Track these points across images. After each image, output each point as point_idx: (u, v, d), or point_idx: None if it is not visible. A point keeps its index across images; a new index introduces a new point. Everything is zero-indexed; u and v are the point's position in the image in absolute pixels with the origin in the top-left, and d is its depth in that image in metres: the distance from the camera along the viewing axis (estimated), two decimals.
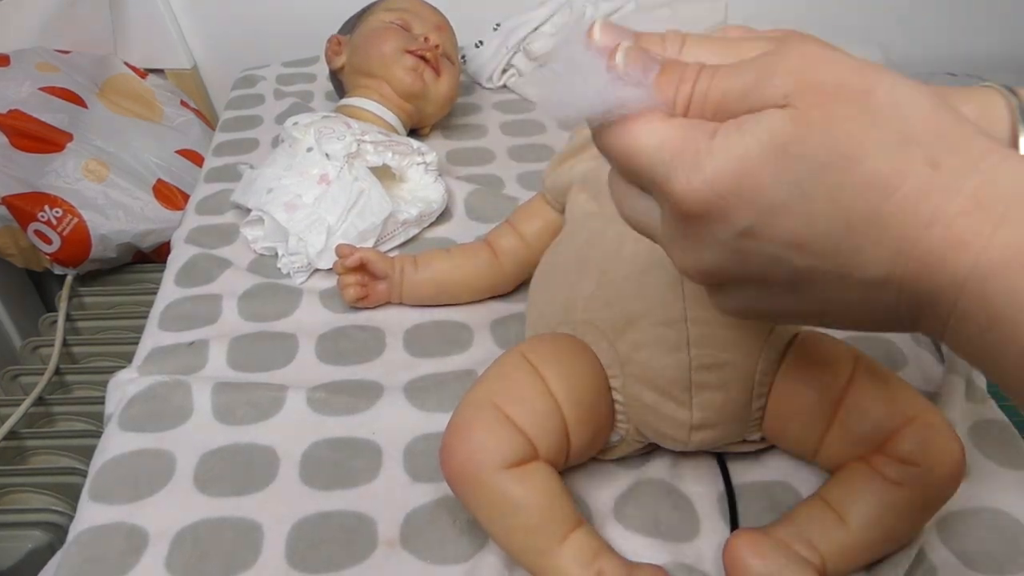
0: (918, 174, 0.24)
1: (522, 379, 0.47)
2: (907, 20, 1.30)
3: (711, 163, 0.26)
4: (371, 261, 0.66)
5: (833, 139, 0.24)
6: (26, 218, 0.95)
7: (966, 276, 0.23)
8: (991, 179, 0.23)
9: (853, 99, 0.25)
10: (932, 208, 0.24)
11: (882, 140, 0.24)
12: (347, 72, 0.92)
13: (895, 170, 0.24)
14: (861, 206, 0.24)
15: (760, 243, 0.26)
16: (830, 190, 0.25)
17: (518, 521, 0.44)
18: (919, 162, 0.24)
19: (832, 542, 0.44)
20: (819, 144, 0.25)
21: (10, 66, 1.04)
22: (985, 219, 0.23)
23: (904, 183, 0.24)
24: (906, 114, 0.25)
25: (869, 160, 0.24)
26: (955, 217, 0.23)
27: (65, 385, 0.90)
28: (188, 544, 0.49)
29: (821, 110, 0.25)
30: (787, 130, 0.25)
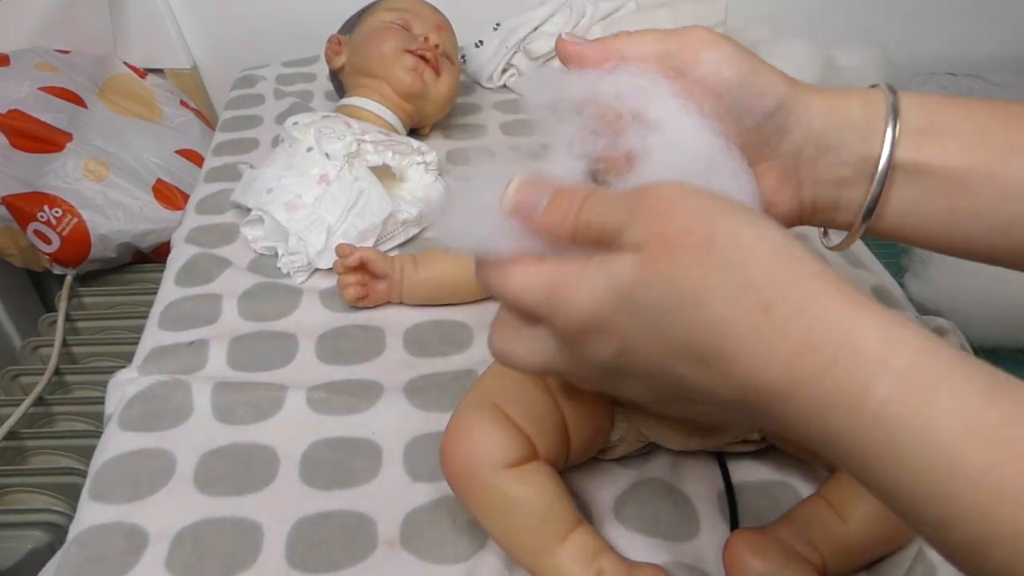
0: (750, 319, 0.26)
1: (522, 379, 0.47)
2: (907, 20, 1.30)
3: (579, 303, 0.29)
4: (371, 261, 0.66)
5: (676, 287, 0.27)
6: (26, 218, 0.95)
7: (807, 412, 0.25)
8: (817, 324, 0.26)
9: (695, 248, 0.27)
10: (767, 349, 0.26)
11: (718, 286, 0.27)
12: (347, 72, 0.92)
13: (730, 313, 0.26)
14: (706, 344, 0.27)
15: (632, 362, 0.30)
16: (678, 329, 0.27)
17: (518, 521, 0.44)
18: (752, 307, 0.26)
19: (832, 541, 0.44)
20: (662, 292, 0.27)
21: (10, 66, 1.04)
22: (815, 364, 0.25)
23: (739, 325, 0.26)
24: (743, 260, 0.27)
25: (707, 306, 0.27)
26: (791, 359, 0.25)
27: (65, 385, 0.90)
28: (188, 544, 0.49)
29: (666, 261, 0.27)
30: (633, 278, 0.28)
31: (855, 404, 0.24)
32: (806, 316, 0.26)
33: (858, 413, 0.24)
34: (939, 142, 0.35)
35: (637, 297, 0.28)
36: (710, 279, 0.27)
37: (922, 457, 0.23)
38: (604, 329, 0.29)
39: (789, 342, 0.25)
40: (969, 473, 0.22)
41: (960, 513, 0.22)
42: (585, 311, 0.29)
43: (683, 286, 0.27)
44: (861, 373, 0.24)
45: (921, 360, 0.24)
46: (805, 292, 0.26)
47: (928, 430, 0.23)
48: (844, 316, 0.26)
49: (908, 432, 0.23)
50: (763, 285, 0.26)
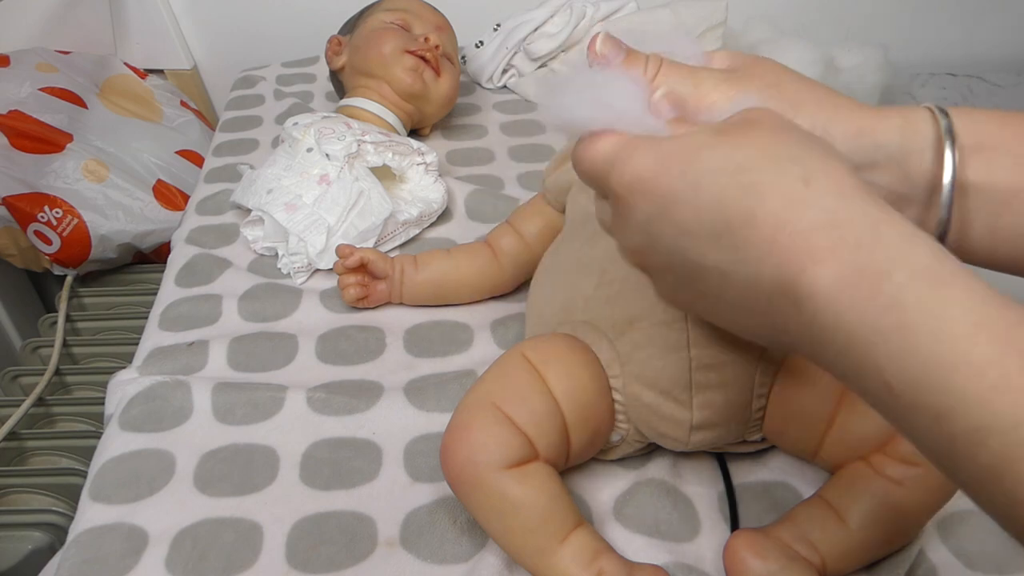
0: (790, 186, 0.27)
1: (522, 379, 0.47)
2: (907, 20, 1.30)
3: (639, 158, 0.31)
4: (371, 261, 0.66)
5: (735, 149, 0.29)
6: (26, 219, 0.95)
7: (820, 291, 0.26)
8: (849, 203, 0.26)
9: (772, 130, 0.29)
10: (795, 216, 0.26)
11: (773, 156, 0.28)
12: (347, 72, 0.92)
13: (773, 179, 0.27)
14: (739, 206, 0.28)
15: (661, 229, 0.31)
16: (719, 189, 0.28)
17: (518, 521, 0.44)
18: (794, 177, 0.27)
19: (832, 542, 0.44)
20: (722, 152, 0.29)
21: (10, 66, 1.04)
22: (837, 237, 0.26)
23: (777, 189, 0.27)
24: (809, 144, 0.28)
25: (755, 171, 0.28)
26: (812, 230, 0.26)
27: (65, 386, 0.90)
28: (188, 544, 0.49)
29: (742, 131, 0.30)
30: (707, 139, 0.30)
31: (871, 287, 0.24)
32: (838, 197, 0.27)
33: (872, 296, 0.24)
34: (986, 160, 0.34)
35: (698, 157, 0.29)
36: (773, 148, 0.28)
37: (929, 346, 0.23)
38: (648, 186, 0.30)
39: (818, 212, 0.26)
40: (974, 364, 0.22)
41: (959, 403, 0.23)
42: (640, 165, 0.31)
43: (745, 152, 0.28)
44: (881, 258, 0.25)
45: (941, 258, 0.25)
46: (846, 183, 0.27)
47: (939, 318, 0.23)
48: (874, 209, 0.26)
49: (918, 318, 0.24)
50: (813, 164, 0.28)
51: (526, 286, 0.63)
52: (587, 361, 0.49)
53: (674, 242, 0.30)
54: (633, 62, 0.35)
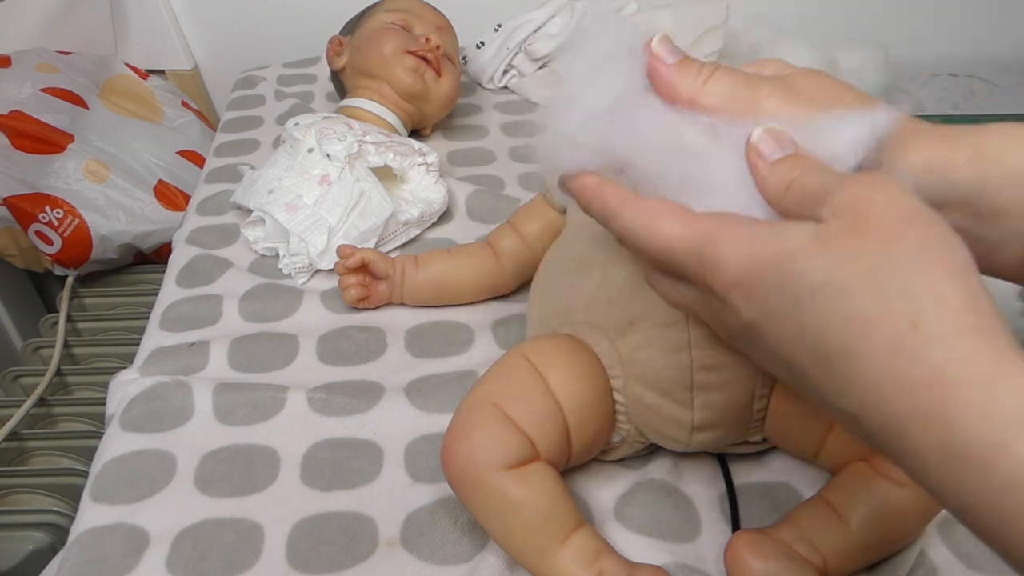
0: (895, 327, 0.24)
1: (523, 380, 0.47)
2: (907, 20, 1.30)
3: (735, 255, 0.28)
4: (372, 262, 0.66)
5: (840, 268, 0.26)
6: (27, 219, 0.95)
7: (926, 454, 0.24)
8: (961, 357, 0.23)
9: (880, 237, 0.26)
10: (900, 369, 0.24)
11: (879, 282, 0.25)
12: (348, 73, 0.92)
13: (878, 314, 0.25)
14: (841, 338, 0.25)
15: (762, 336, 0.29)
16: (820, 311, 0.26)
17: (519, 522, 0.44)
18: (903, 315, 0.24)
19: (833, 543, 0.44)
20: (824, 269, 0.26)
21: (11, 67, 1.04)
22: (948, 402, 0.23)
23: (881, 330, 0.24)
24: (918, 267, 0.25)
25: (859, 297, 0.25)
26: (921, 388, 0.24)
27: (66, 386, 0.90)
28: (189, 545, 0.49)
29: (846, 239, 0.26)
30: (803, 247, 0.27)
31: (985, 462, 0.22)
32: (951, 346, 0.24)
33: (988, 472, 0.22)
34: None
35: (796, 268, 0.27)
36: (877, 272, 0.25)
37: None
38: (748, 292, 0.28)
39: (925, 368, 0.24)
40: None
41: None
42: (738, 265, 0.28)
43: (847, 270, 0.25)
44: (997, 427, 0.22)
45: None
46: (960, 323, 0.24)
47: None
48: (989, 360, 0.23)
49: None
50: (923, 300, 0.24)
51: (527, 286, 0.63)
52: (588, 362, 0.49)
53: (777, 349, 0.28)
54: (685, 68, 0.33)
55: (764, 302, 0.28)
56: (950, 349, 0.24)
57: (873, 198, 0.27)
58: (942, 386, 0.23)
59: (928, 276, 0.25)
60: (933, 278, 0.25)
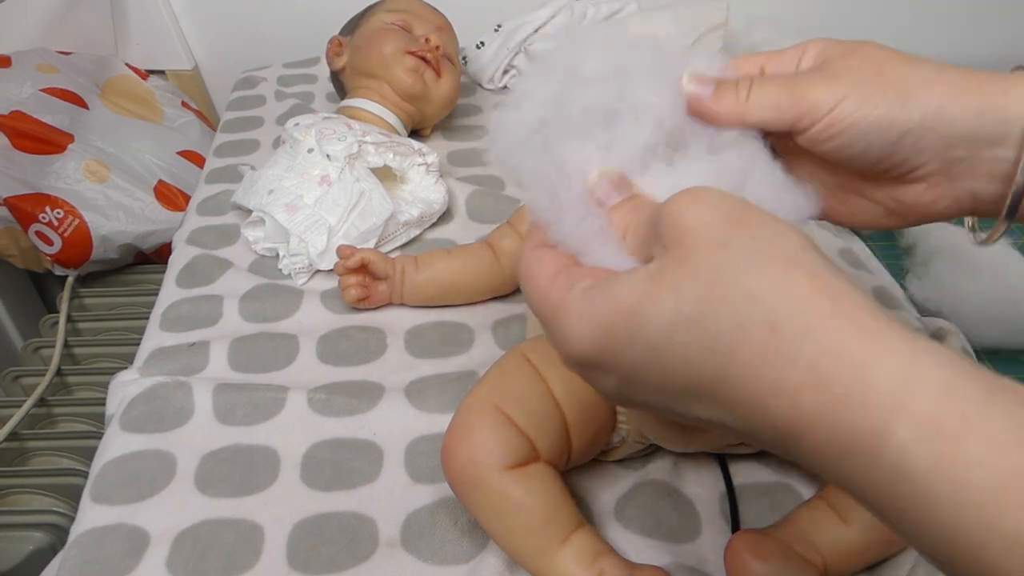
0: (757, 336, 0.23)
1: (523, 380, 0.47)
2: (907, 21, 1.30)
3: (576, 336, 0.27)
4: (372, 262, 0.66)
5: (681, 299, 0.25)
6: (27, 219, 0.95)
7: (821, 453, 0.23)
8: (828, 350, 0.23)
9: (708, 249, 0.25)
10: (774, 377, 0.23)
11: (726, 297, 0.24)
12: (348, 73, 0.92)
13: (736, 331, 0.24)
14: (709, 368, 0.24)
15: (632, 393, 0.28)
16: (680, 351, 0.25)
17: (519, 522, 0.44)
18: (759, 322, 0.23)
19: (834, 543, 0.44)
20: (668, 308, 0.25)
21: (11, 67, 1.04)
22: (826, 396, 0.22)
23: (744, 346, 0.24)
24: (755, 266, 0.24)
25: (712, 322, 0.24)
26: (798, 391, 0.23)
27: (66, 386, 0.90)
28: (189, 545, 0.49)
29: (678, 268, 0.25)
30: (641, 293, 0.26)
31: (871, 453, 0.21)
32: (814, 340, 0.23)
33: (875, 463, 0.21)
34: None
35: (641, 318, 0.25)
36: (717, 288, 0.24)
37: (952, 516, 0.20)
38: (602, 364, 0.27)
39: (797, 370, 0.23)
40: (1007, 535, 0.19)
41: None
42: (581, 345, 0.27)
43: (690, 298, 0.25)
44: (875, 415, 0.21)
45: (944, 400, 0.21)
46: (817, 312, 0.23)
47: (955, 485, 0.20)
48: (857, 344, 0.23)
49: (933, 487, 0.20)
50: (772, 299, 0.24)
51: None
52: None
53: (655, 402, 0.28)
54: (724, 92, 0.33)
55: (620, 368, 0.27)
56: (815, 342, 0.23)
57: (688, 214, 0.26)
58: (817, 385, 0.22)
59: (768, 273, 0.24)
60: (773, 274, 0.24)
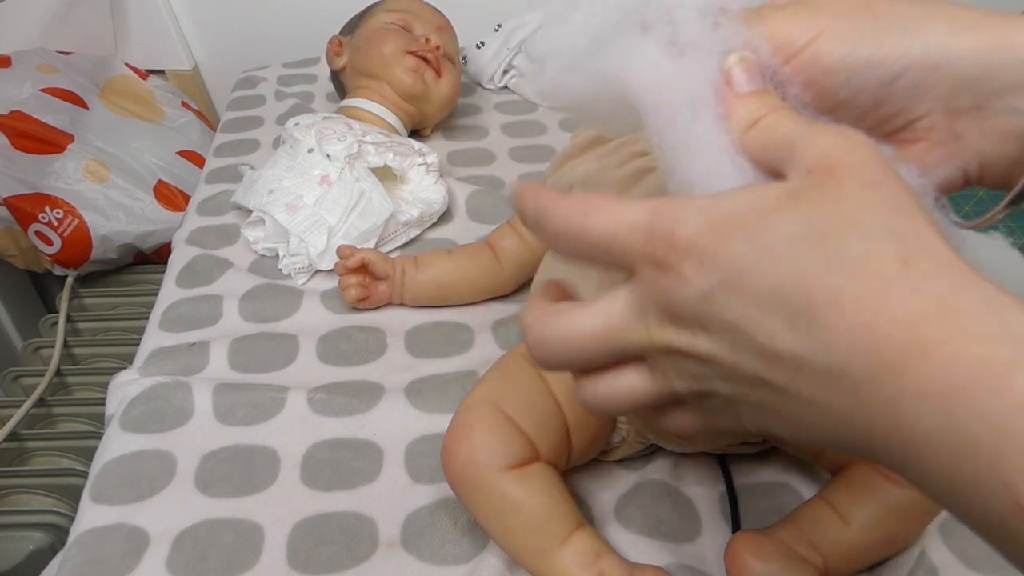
0: (885, 267, 0.22)
1: (523, 380, 0.47)
2: None
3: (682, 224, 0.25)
4: (372, 262, 0.66)
5: (819, 216, 0.23)
6: (27, 219, 0.95)
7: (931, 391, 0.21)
8: (961, 289, 0.22)
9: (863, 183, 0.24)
10: (895, 302, 0.22)
11: (865, 223, 0.23)
12: (348, 73, 0.92)
13: (863, 255, 0.23)
14: (824, 284, 0.23)
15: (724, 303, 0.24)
16: (799, 260, 0.23)
17: (519, 522, 0.44)
18: (890, 255, 0.22)
19: (834, 543, 0.44)
20: (799, 219, 0.24)
21: (11, 67, 1.04)
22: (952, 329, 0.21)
23: (869, 270, 0.22)
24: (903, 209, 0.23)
25: (843, 241, 0.23)
26: (919, 320, 0.21)
27: (66, 386, 0.90)
28: (189, 545, 0.49)
29: (820, 189, 0.24)
30: (778, 201, 0.24)
31: (997, 385, 0.20)
32: (947, 279, 0.22)
33: (1000, 395, 0.20)
34: None
35: (769, 222, 0.24)
36: (861, 215, 0.23)
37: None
38: (711, 252, 0.24)
39: (922, 298, 0.22)
40: None
41: None
42: (700, 222, 0.24)
43: (827, 218, 0.23)
44: (1008, 349, 0.20)
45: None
46: (950, 266, 0.22)
47: None
48: (987, 292, 0.22)
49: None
50: (910, 239, 0.23)
51: (527, 287, 0.63)
52: None
53: (740, 319, 0.24)
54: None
55: (730, 261, 0.24)
56: (946, 283, 0.22)
57: (845, 149, 0.25)
58: (943, 313, 0.21)
59: (911, 220, 0.23)
60: (918, 224, 0.23)
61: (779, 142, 0.26)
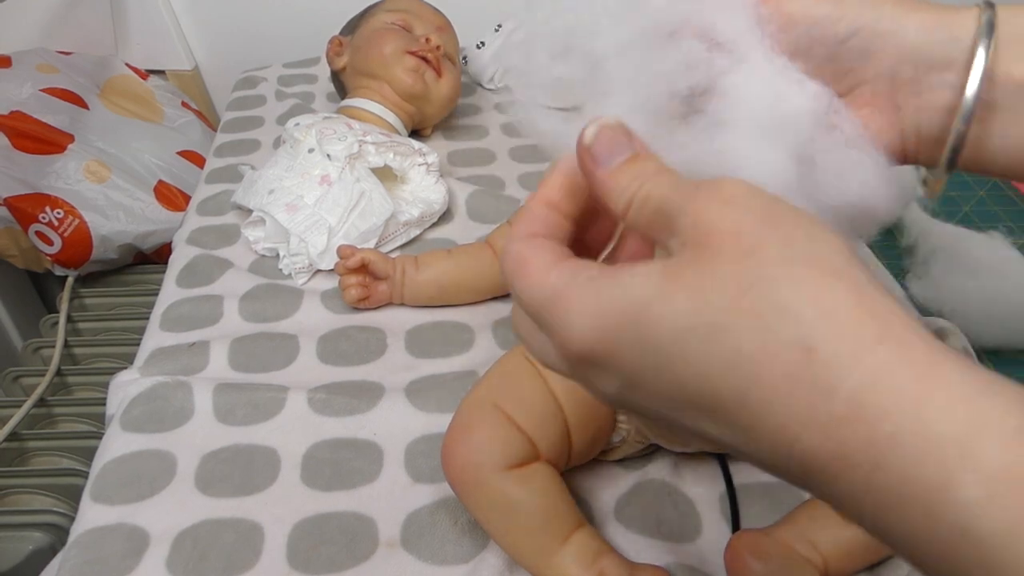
0: (786, 357, 0.20)
1: (523, 380, 0.47)
2: None
3: (577, 327, 0.24)
4: (372, 262, 0.66)
5: (700, 304, 0.21)
6: (27, 219, 0.95)
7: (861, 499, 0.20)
8: (875, 379, 0.19)
9: (736, 255, 0.22)
10: (805, 406, 0.20)
11: (752, 309, 0.21)
12: (348, 73, 0.92)
13: (762, 348, 0.20)
14: (728, 386, 0.21)
15: (638, 404, 0.24)
16: (695, 358, 0.22)
17: (519, 522, 0.44)
18: (791, 341, 0.20)
19: (834, 543, 0.44)
20: (683, 311, 0.22)
21: (11, 67, 1.04)
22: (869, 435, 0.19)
23: (771, 366, 0.20)
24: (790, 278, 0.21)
25: (733, 334, 0.21)
26: (834, 425, 0.19)
27: (66, 386, 0.90)
28: (189, 545, 0.49)
29: (699, 267, 0.22)
30: (654, 290, 0.22)
31: (928, 509, 0.18)
32: (859, 368, 0.19)
33: (933, 521, 0.18)
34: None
35: (651, 317, 0.22)
36: (744, 298, 0.21)
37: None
38: (603, 362, 0.24)
39: (835, 402, 0.19)
40: None
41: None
42: (582, 338, 0.24)
43: (709, 304, 0.21)
44: (934, 464, 0.18)
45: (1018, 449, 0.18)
46: (862, 335, 0.20)
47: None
48: (911, 376, 0.19)
49: (1008, 554, 0.17)
50: (808, 316, 0.20)
51: None
52: None
53: (659, 411, 0.24)
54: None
55: (624, 370, 0.23)
56: (859, 373, 0.19)
57: (713, 212, 0.23)
58: (861, 421, 0.19)
59: (807, 286, 0.21)
60: (813, 287, 0.21)
61: (656, 217, 0.25)
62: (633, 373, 0.23)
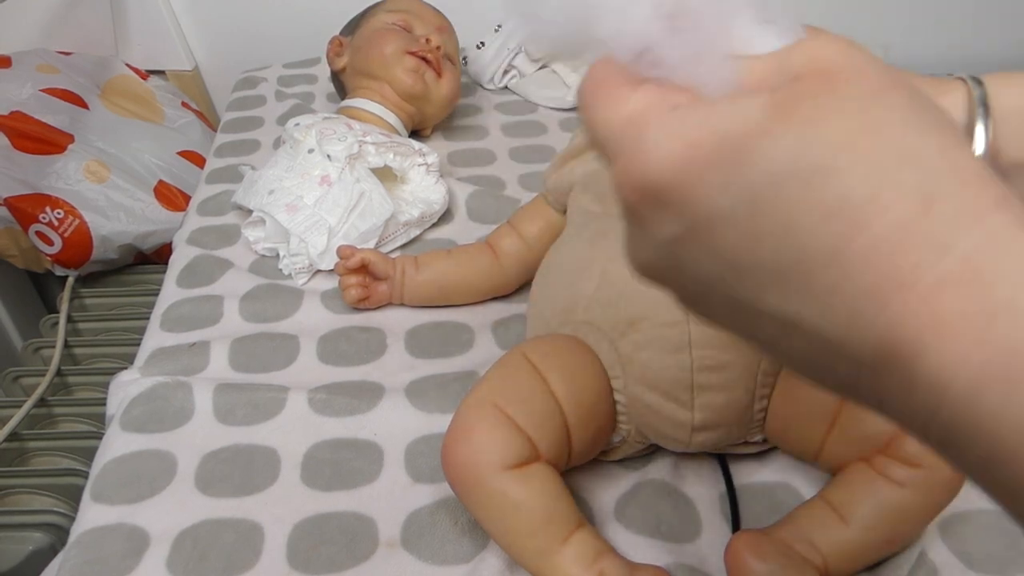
0: (902, 210, 0.18)
1: (523, 380, 0.47)
2: (907, 20, 1.30)
3: (659, 150, 0.20)
4: (372, 262, 0.66)
5: (807, 141, 0.19)
6: (27, 219, 0.95)
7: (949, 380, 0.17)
8: (996, 241, 0.17)
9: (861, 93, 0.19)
10: (913, 262, 0.17)
11: (872, 150, 0.18)
12: (348, 73, 0.92)
13: (873, 196, 0.18)
14: (821, 237, 0.18)
15: (693, 256, 0.21)
16: (787, 207, 0.19)
17: (519, 522, 0.44)
18: (909, 193, 0.18)
19: (834, 543, 0.44)
20: (788, 146, 0.19)
21: (11, 67, 1.04)
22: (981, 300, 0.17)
23: (880, 218, 0.18)
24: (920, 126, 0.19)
25: (841, 178, 0.18)
26: (939, 286, 0.17)
27: (66, 386, 0.90)
28: (189, 545, 0.49)
29: (812, 100, 0.19)
30: (758, 119, 0.19)
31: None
32: (980, 228, 0.17)
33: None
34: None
35: (749, 153, 0.19)
36: (865, 139, 0.18)
37: None
38: (673, 199, 0.20)
39: (947, 260, 0.17)
40: None
41: None
42: (659, 167, 0.20)
43: (823, 140, 0.18)
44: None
45: None
46: (984, 196, 0.18)
47: None
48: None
49: None
50: (935, 165, 0.18)
51: (527, 287, 0.63)
52: (588, 362, 0.49)
53: (712, 276, 0.21)
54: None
55: (699, 208, 0.20)
56: (979, 232, 0.17)
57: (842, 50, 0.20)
58: (974, 284, 0.17)
59: (935, 137, 0.18)
60: (941, 140, 0.18)
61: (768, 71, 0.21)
62: (704, 218, 0.20)
